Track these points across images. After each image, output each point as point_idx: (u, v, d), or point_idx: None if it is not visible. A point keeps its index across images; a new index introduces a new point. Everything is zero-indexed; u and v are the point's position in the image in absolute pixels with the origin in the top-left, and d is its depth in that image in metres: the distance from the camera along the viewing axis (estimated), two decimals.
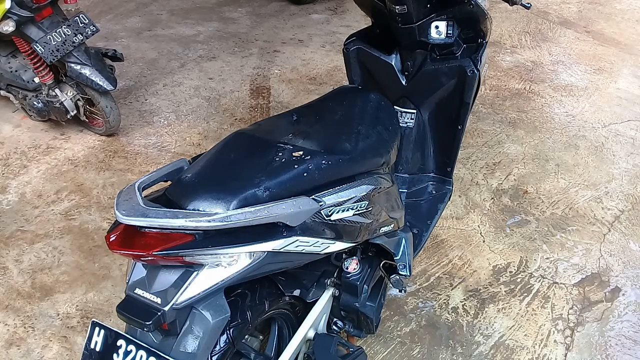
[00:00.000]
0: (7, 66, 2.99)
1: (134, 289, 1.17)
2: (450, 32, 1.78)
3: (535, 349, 2.07)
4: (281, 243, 1.22)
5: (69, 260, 2.39)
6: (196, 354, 1.20)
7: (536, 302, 2.25)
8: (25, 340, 2.05)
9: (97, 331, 1.22)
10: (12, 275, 2.31)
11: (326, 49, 4.18)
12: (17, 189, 2.77)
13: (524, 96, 3.59)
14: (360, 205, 1.43)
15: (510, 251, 2.48)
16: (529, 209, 2.71)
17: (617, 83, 3.76)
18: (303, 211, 1.24)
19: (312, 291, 1.66)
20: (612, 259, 2.45)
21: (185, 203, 1.17)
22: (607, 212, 2.70)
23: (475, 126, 3.27)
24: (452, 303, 2.23)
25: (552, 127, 3.30)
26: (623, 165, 3.01)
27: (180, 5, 4.89)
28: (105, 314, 2.15)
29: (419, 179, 2.08)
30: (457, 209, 2.69)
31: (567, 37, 4.34)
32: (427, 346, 2.06)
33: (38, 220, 2.59)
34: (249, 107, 3.46)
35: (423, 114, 1.95)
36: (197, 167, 1.31)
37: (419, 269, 2.36)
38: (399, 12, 1.72)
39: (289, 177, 1.27)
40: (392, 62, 1.88)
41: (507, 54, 4.08)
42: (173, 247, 1.09)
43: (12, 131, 3.21)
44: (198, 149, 3.06)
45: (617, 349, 2.08)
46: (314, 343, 1.63)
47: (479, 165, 2.97)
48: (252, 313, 1.38)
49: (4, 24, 2.63)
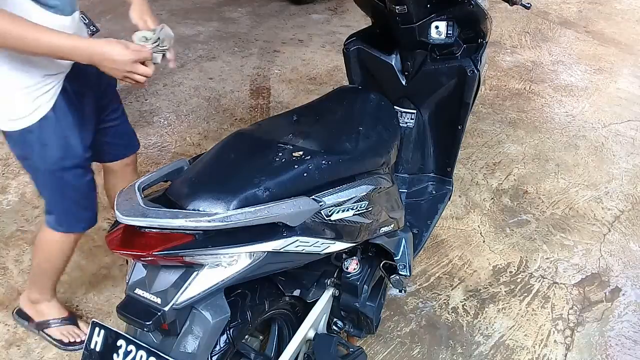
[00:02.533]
0: None
1: (134, 289, 1.17)
2: (450, 32, 1.78)
3: (535, 349, 2.07)
4: (281, 243, 1.22)
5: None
6: (196, 354, 1.20)
7: (536, 302, 2.25)
8: (25, 340, 2.05)
9: (97, 331, 1.22)
10: (12, 275, 2.30)
11: (326, 49, 4.18)
12: (17, 189, 2.77)
13: (524, 96, 3.59)
14: (361, 206, 1.43)
15: (510, 251, 2.48)
16: (529, 209, 2.71)
17: (617, 83, 3.76)
18: (303, 211, 1.24)
19: (312, 291, 1.65)
20: (612, 259, 2.45)
21: (185, 203, 1.17)
22: (607, 212, 2.70)
23: (475, 126, 3.27)
24: (452, 303, 2.23)
25: (552, 127, 3.30)
26: (623, 165, 3.01)
27: (180, 5, 4.89)
28: (105, 314, 2.15)
29: (419, 179, 2.08)
30: (457, 209, 2.69)
31: (567, 37, 4.34)
32: (427, 346, 2.06)
33: (38, 220, 2.59)
34: (249, 107, 3.46)
35: (423, 114, 1.95)
36: (197, 167, 1.31)
37: (419, 269, 2.36)
38: (399, 12, 1.72)
39: (289, 177, 1.27)
40: (392, 62, 1.88)
41: (507, 54, 4.08)
42: (173, 247, 1.09)
43: None
44: (198, 149, 3.06)
45: (617, 349, 2.08)
46: (314, 343, 1.63)
47: (479, 165, 2.97)
48: (252, 313, 1.38)
49: None
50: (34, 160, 1.57)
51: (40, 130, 1.50)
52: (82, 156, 1.60)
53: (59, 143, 1.54)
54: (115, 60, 1.30)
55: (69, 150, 1.57)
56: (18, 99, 1.46)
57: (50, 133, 1.52)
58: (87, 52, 1.30)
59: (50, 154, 1.54)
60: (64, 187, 1.63)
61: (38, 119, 1.49)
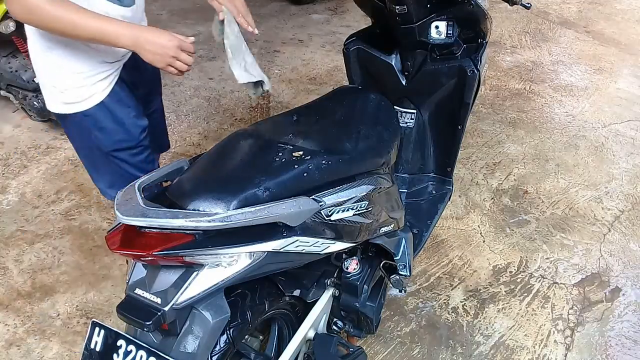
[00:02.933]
0: (7, 66, 2.99)
1: (134, 289, 1.17)
2: (450, 32, 1.78)
3: (535, 349, 2.07)
4: (281, 243, 1.22)
5: (69, 260, 2.38)
6: (196, 354, 1.20)
7: (536, 302, 2.25)
8: (25, 340, 2.05)
9: (97, 331, 1.22)
10: (12, 275, 2.30)
11: (326, 49, 4.18)
12: (17, 189, 2.77)
13: (524, 96, 3.59)
14: (361, 206, 1.43)
15: (510, 251, 2.48)
16: (529, 209, 2.71)
17: (617, 83, 3.76)
18: (303, 211, 1.24)
19: (312, 291, 1.66)
20: (612, 259, 2.45)
21: (186, 203, 1.17)
22: (607, 212, 2.70)
23: (475, 126, 3.26)
24: (452, 303, 2.23)
25: (552, 127, 3.30)
26: (623, 165, 3.01)
27: (180, 5, 4.88)
28: (105, 314, 2.15)
29: (419, 179, 2.08)
30: (457, 209, 2.69)
31: (567, 37, 4.34)
32: (427, 346, 2.06)
33: (38, 220, 2.59)
34: (249, 107, 3.46)
35: (423, 114, 1.95)
36: (197, 167, 1.31)
37: (419, 269, 2.36)
38: (399, 12, 1.72)
39: (289, 177, 1.27)
40: (392, 62, 1.88)
41: (507, 54, 4.08)
42: (173, 247, 1.09)
43: (12, 131, 3.21)
44: (198, 149, 3.06)
45: (617, 349, 2.08)
46: (314, 343, 1.63)
47: (479, 165, 2.97)
48: (252, 313, 1.38)
49: (4, 24, 2.63)
50: (89, 142, 1.59)
51: (97, 114, 1.53)
52: (138, 138, 1.63)
53: (116, 127, 1.57)
54: (162, 45, 1.33)
55: (125, 133, 1.60)
56: (76, 83, 1.49)
57: (108, 118, 1.55)
58: (132, 37, 1.32)
59: (107, 137, 1.57)
60: (120, 167, 1.65)
61: (94, 104, 1.52)
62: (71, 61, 1.45)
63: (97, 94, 1.51)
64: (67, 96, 1.50)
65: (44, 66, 1.48)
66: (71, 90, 1.49)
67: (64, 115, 1.55)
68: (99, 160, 1.64)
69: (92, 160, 1.68)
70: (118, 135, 1.58)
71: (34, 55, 1.48)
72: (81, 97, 1.50)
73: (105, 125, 1.55)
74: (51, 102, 1.53)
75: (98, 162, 1.66)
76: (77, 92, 1.49)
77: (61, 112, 1.54)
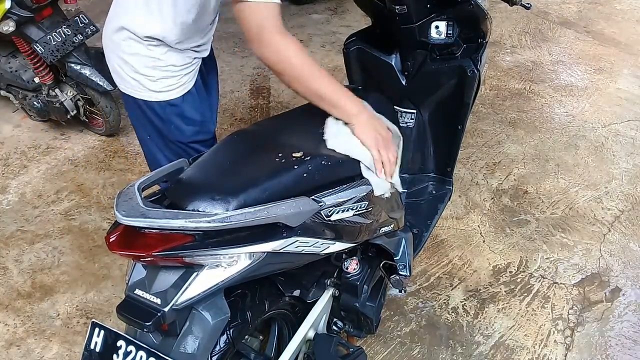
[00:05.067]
0: (7, 66, 2.99)
1: (134, 290, 1.17)
2: (450, 32, 1.78)
3: (535, 349, 2.07)
4: (281, 244, 1.22)
5: (69, 260, 2.39)
6: (196, 355, 1.20)
7: (536, 302, 2.25)
8: (25, 340, 2.05)
9: (97, 332, 1.22)
10: (12, 275, 2.31)
11: (326, 49, 4.17)
12: (17, 189, 2.77)
13: (524, 96, 3.59)
14: (360, 206, 1.43)
15: (510, 251, 2.48)
16: (529, 209, 2.71)
17: (617, 83, 3.76)
18: (303, 212, 1.24)
19: (312, 291, 1.66)
20: (612, 259, 2.45)
21: (185, 203, 1.17)
22: (607, 212, 2.70)
23: (475, 126, 3.26)
24: (452, 303, 2.23)
25: (552, 127, 3.30)
26: (623, 165, 3.01)
27: None
28: (105, 314, 2.15)
29: (419, 179, 2.08)
30: (457, 209, 2.69)
31: (567, 37, 4.33)
32: (427, 346, 2.06)
33: (38, 220, 2.59)
34: (249, 107, 3.46)
35: (423, 114, 1.95)
36: (196, 167, 1.31)
37: (419, 269, 2.36)
38: (399, 12, 1.72)
39: (288, 178, 1.27)
40: (392, 62, 1.88)
41: (507, 54, 4.07)
42: (173, 247, 1.09)
43: (12, 131, 3.21)
44: None
45: (617, 349, 2.08)
46: (314, 343, 1.63)
47: (479, 165, 2.97)
48: (252, 313, 1.38)
49: (4, 24, 2.63)
50: (168, 131, 1.63)
51: (183, 104, 1.59)
52: (212, 131, 1.70)
53: (197, 118, 1.63)
54: (381, 124, 1.47)
55: (203, 125, 1.66)
56: (168, 74, 1.54)
57: (192, 108, 1.61)
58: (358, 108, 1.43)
59: (188, 127, 1.62)
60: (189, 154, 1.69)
61: (182, 94, 1.58)
62: (172, 56, 1.53)
63: (186, 84, 1.58)
64: (158, 85, 1.55)
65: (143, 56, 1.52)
66: (163, 80, 1.54)
67: (148, 103, 1.58)
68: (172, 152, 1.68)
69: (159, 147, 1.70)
70: (198, 126, 1.64)
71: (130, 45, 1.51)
72: (172, 86, 1.56)
73: (189, 114, 1.61)
74: (136, 88, 1.56)
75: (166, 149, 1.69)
76: (168, 82, 1.55)
77: (147, 99, 1.57)
